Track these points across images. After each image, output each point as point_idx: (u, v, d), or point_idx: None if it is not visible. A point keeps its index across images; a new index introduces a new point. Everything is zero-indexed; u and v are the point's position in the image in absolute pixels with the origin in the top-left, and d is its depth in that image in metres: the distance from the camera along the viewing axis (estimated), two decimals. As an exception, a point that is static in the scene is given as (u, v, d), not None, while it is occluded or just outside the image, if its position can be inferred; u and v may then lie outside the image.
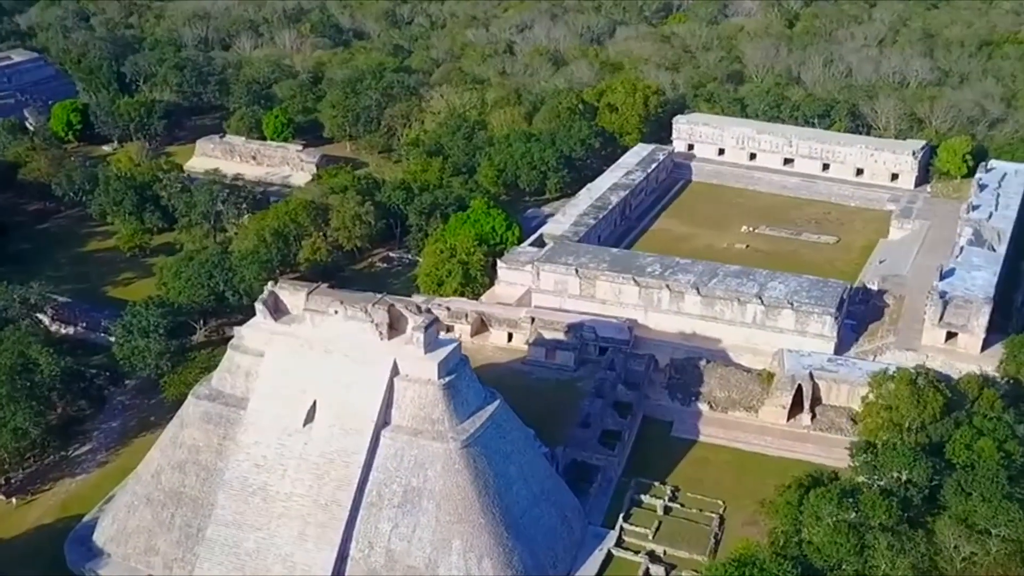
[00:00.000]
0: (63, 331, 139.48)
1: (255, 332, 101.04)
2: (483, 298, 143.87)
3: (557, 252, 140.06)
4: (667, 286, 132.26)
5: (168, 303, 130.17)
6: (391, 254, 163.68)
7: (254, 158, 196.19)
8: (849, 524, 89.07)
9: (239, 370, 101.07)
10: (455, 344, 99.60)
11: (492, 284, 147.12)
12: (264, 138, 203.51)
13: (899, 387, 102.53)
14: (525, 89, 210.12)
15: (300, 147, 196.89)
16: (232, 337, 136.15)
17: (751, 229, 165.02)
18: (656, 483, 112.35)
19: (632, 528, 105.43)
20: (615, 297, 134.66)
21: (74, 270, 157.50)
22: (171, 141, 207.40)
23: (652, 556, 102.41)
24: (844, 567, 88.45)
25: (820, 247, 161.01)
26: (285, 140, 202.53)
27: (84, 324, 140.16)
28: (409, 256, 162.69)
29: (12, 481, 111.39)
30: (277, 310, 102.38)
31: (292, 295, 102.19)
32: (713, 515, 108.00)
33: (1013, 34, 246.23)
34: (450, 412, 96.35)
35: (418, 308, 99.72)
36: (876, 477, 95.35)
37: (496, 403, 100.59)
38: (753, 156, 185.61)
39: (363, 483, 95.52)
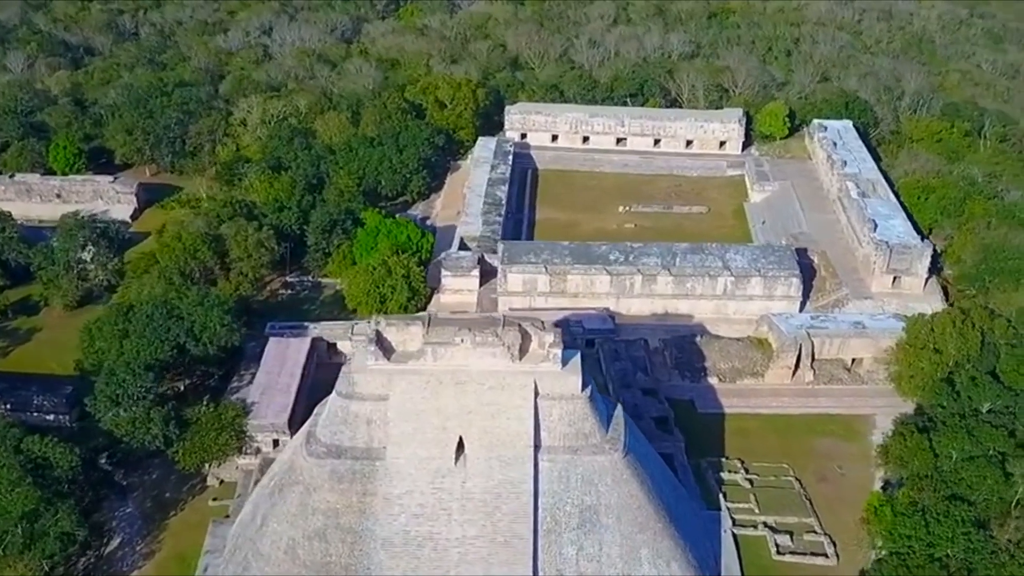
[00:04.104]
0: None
1: (370, 376, 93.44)
2: (432, 308, 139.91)
3: (516, 252, 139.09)
4: (639, 271, 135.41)
5: (147, 363, 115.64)
6: (289, 279, 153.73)
7: (59, 196, 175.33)
8: (986, 457, 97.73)
9: (357, 419, 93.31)
10: (578, 354, 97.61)
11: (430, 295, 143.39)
12: (53, 172, 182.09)
13: (944, 329, 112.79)
14: (335, 93, 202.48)
15: (112, 178, 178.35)
16: (181, 391, 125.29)
17: (627, 208, 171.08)
18: (723, 459, 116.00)
19: (737, 505, 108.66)
20: (587, 289, 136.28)
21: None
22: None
23: (768, 527, 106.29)
24: (990, 496, 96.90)
25: (696, 217, 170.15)
26: (78, 172, 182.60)
27: (10, 405, 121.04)
28: (310, 279, 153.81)
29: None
30: (383, 349, 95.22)
31: (400, 331, 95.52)
32: (791, 478, 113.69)
33: (726, 5, 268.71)
34: (598, 424, 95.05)
35: (543, 324, 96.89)
36: (970, 411, 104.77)
37: (619, 407, 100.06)
38: (586, 139, 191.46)
39: (535, 511, 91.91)
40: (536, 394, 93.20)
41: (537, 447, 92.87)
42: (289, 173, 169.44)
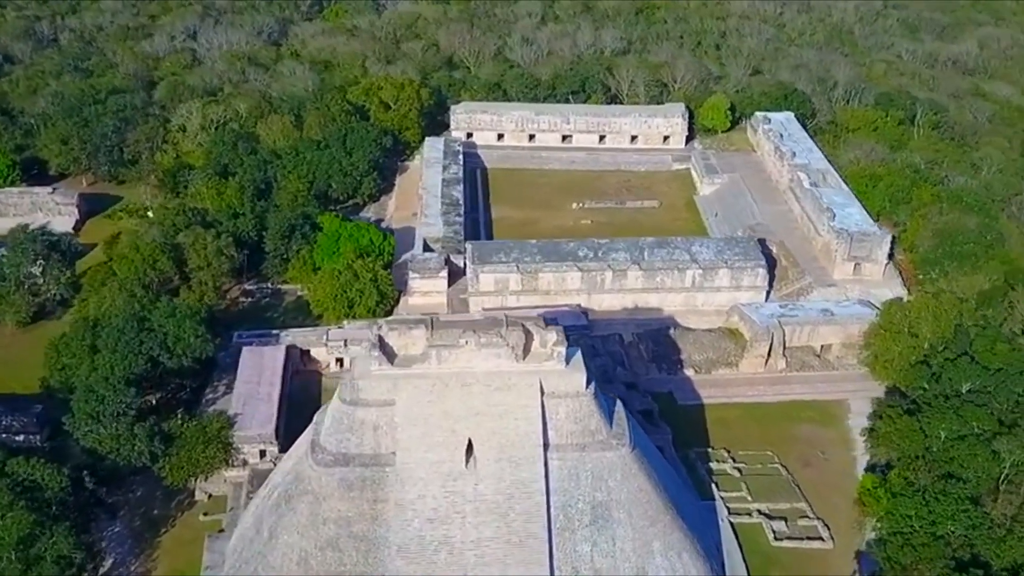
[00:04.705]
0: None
1: (375, 382, 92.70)
2: (400, 311, 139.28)
3: (486, 252, 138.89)
4: (609, 266, 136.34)
5: (126, 378, 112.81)
6: (248, 287, 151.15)
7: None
8: (974, 436, 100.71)
9: (364, 426, 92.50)
10: (579, 351, 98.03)
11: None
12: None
13: (919, 313, 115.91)
14: (274, 97, 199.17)
15: (51, 189, 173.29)
16: (153, 405, 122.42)
17: (581, 205, 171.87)
18: (709, 449, 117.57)
19: (730, 494, 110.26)
20: (559, 286, 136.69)
21: None
22: None
23: (763, 515, 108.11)
24: (980, 473, 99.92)
25: (649, 211, 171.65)
26: (13, 183, 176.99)
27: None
28: (269, 286, 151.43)
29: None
30: (386, 354, 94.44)
31: (402, 335, 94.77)
32: (777, 465, 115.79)
33: (651, 1, 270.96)
34: (603, 420, 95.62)
35: (545, 322, 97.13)
36: (951, 392, 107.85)
37: (619, 402, 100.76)
38: (532, 137, 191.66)
39: (547, 510, 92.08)
40: (542, 393, 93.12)
41: (545, 446, 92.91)
42: (236, 179, 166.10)
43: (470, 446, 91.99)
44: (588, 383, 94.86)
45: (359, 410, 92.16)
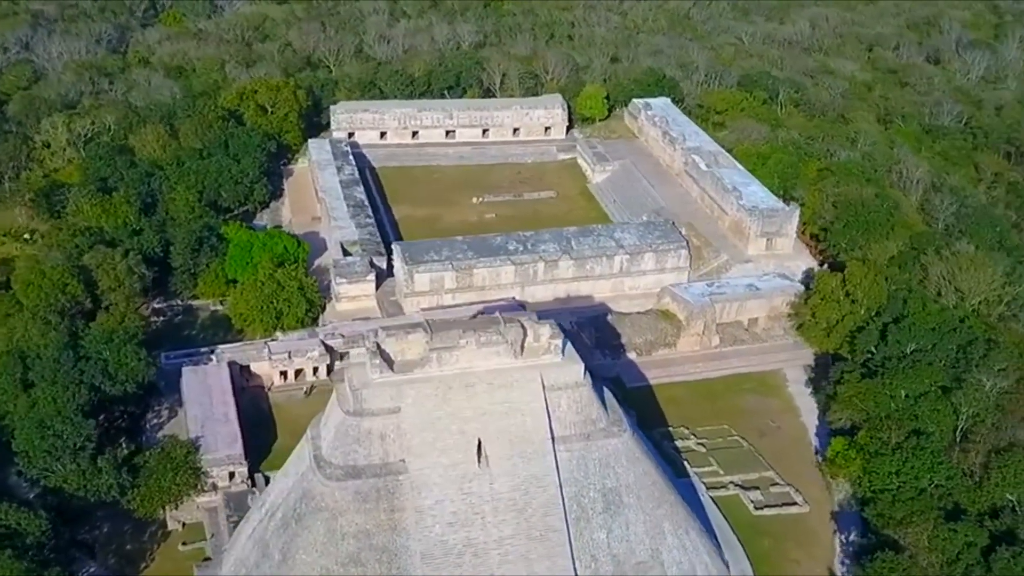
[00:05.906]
0: None
1: (378, 390, 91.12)
2: (327, 318, 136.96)
3: (417, 252, 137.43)
4: (541, 258, 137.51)
5: (76, 408, 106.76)
6: (156, 305, 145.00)
7: None
8: (934, 393, 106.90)
9: (371, 436, 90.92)
10: (569, 342, 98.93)
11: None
12: None
13: (857, 280, 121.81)
14: (141, 107, 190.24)
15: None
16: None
17: (481, 199, 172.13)
18: (670, 428, 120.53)
19: (702, 470, 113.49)
20: (493, 281, 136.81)
21: None
22: None
23: (738, 486, 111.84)
24: (944, 428, 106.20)
25: (548, 202, 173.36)
26: None
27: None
28: (179, 302, 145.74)
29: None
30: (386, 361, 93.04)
31: (399, 341, 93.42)
32: (736, 438, 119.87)
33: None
34: (601, 408, 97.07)
35: (536, 318, 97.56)
36: (898, 354, 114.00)
37: (606, 390, 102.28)
38: (415, 134, 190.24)
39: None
40: (543, 387, 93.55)
41: (552, 439, 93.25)
42: (121, 194, 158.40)
43: (480, 446, 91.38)
44: (584, 372, 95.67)
45: (364, 420, 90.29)
